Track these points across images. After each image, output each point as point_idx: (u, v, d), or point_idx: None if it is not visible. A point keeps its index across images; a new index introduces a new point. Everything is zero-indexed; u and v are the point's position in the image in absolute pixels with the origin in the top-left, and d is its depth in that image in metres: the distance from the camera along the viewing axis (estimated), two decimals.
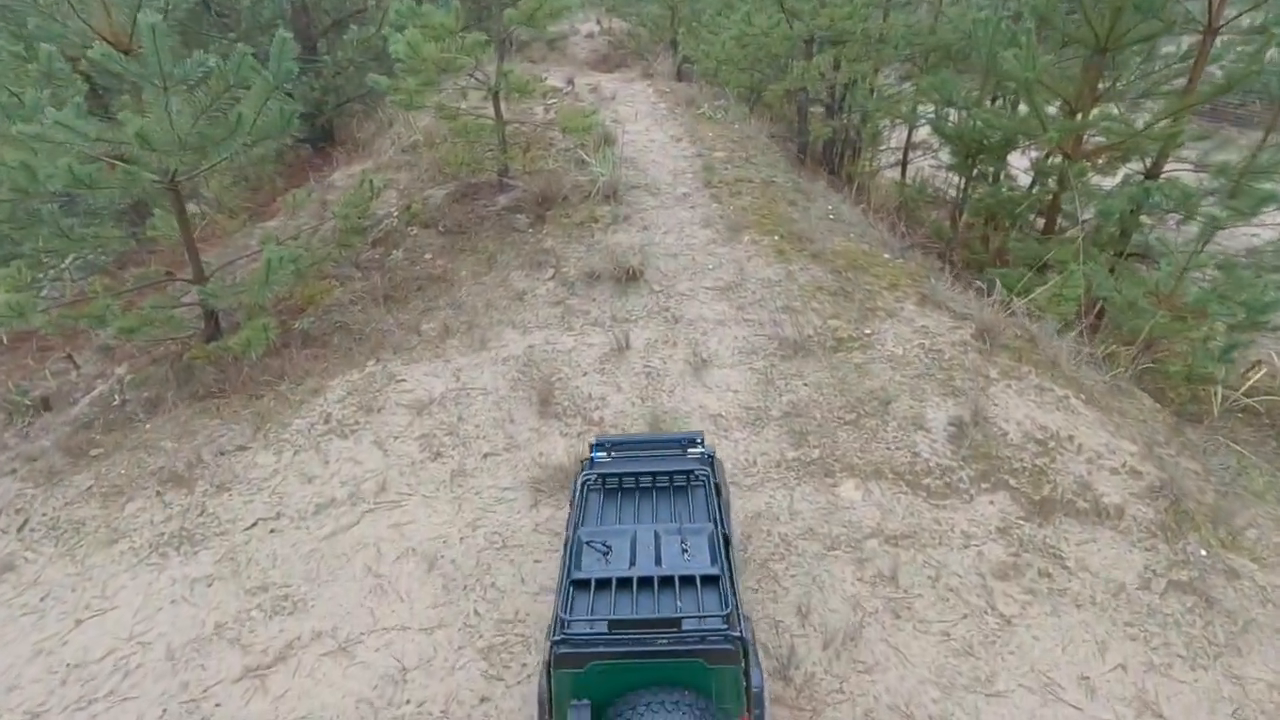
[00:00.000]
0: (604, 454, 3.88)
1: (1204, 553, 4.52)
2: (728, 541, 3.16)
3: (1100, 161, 9.79)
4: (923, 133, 13.79)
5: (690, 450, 3.84)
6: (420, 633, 4.23)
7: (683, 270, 7.15)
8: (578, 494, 3.48)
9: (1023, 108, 11.65)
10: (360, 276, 8.76)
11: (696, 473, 3.49)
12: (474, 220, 8.65)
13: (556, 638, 2.73)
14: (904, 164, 14.16)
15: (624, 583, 2.87)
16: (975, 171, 12.59)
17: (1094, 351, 6.86)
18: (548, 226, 8.11)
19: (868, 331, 6.13)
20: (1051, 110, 9.69)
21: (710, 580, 2.86)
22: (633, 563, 2.98)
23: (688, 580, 2.86)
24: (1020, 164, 11.52)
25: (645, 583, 2.86)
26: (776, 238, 7.52)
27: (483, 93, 8.17)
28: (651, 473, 3.52)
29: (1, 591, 4.89)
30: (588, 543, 3.07)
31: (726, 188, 8.45)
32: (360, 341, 7.42)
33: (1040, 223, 11.36)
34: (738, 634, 2.71)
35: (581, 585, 2.88)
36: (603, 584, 2.87)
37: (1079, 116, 8.80)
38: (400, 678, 4.01)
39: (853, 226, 8.31)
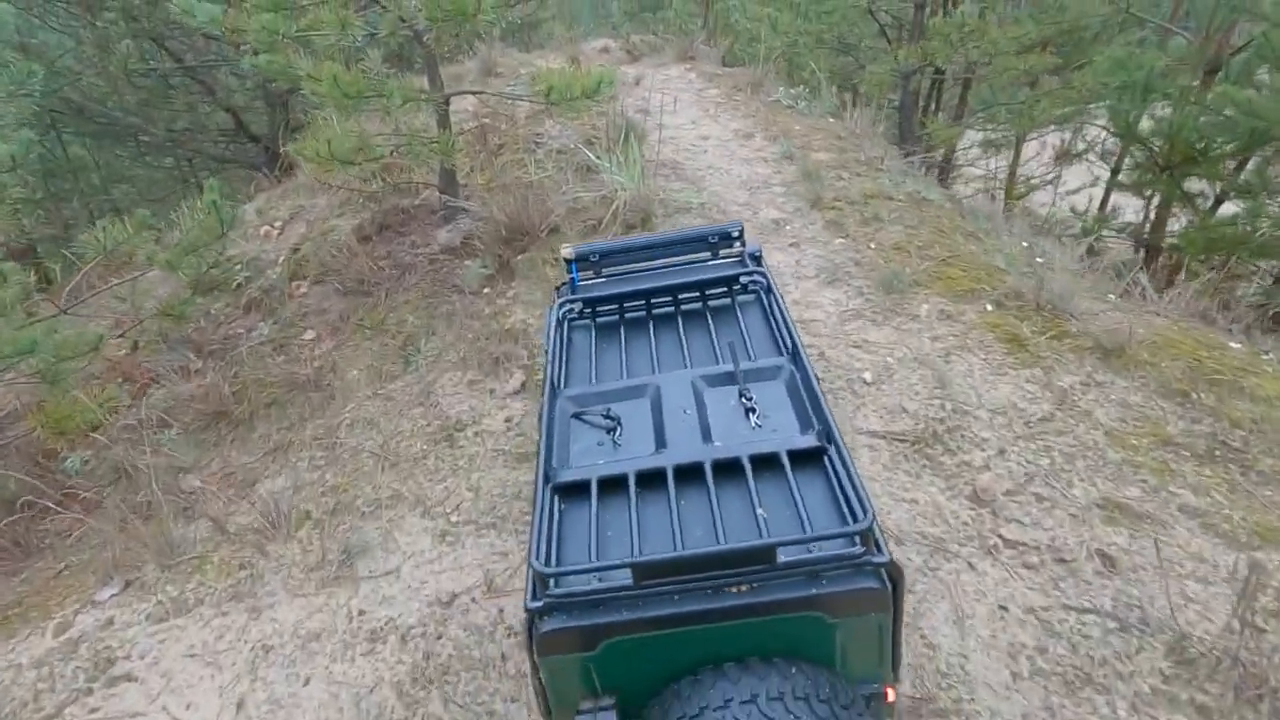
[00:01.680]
0: (588, 272, 2.26)
1: None
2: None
3: None
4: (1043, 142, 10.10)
5: (723, 251, 2.24)
6: None
7: None
8: (553, 333, 2.07)
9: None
10: (197, 371, 4.92)
11: (744, 280, 2.11)
12: (392, 271, 4.81)
13: (535, 603, 1.38)
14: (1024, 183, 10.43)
15: (650, 480, 1.53)
16: (1154, 193, 8.83)
17: None
18: (518, 284, 4.21)
19: None
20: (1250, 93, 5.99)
21: (809, 458, 1.52)
22: (662, 442, 1.64)
23: (766, 462, 1.51)
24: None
25: (689, 475, 1.53)
26: (989, 306, 3.58)
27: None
28: (671, 287, 2.11)
29: None
30: (577, 415, 1.75)
31: (853, 210, 4.54)
32: (122, 527, 3.55)
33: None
34: (885, 558, 1.35)
35: (573, 493, 1.56)
36: (611, 486, 1.54)
37: None
38: None
39: (1092, 278, 4.34)
